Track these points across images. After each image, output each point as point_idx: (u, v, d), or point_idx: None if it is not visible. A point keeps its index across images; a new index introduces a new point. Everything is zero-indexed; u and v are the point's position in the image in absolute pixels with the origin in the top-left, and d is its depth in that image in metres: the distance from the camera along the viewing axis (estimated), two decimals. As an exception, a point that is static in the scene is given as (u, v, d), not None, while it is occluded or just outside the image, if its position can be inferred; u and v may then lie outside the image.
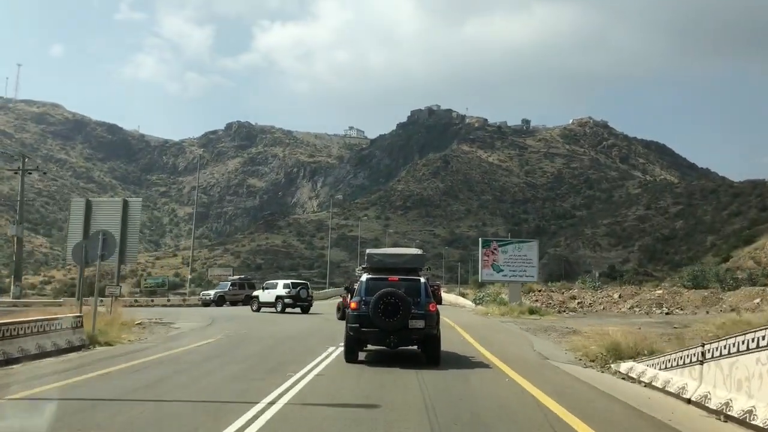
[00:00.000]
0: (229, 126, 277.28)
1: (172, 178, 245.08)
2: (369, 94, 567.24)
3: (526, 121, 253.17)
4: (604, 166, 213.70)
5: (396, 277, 12.60)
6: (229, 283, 44.04)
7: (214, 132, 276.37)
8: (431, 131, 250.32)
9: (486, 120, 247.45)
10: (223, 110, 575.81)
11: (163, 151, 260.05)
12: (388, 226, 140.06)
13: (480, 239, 36.58)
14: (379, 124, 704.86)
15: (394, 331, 11.87)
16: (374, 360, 12.76)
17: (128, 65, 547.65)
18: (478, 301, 41.99)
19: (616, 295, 36.60)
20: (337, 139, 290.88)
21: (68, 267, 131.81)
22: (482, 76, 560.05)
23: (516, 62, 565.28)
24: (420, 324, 11.96)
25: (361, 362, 12.32)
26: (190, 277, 43.06)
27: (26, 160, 39.81)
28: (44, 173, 67.86)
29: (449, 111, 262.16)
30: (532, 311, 30.00)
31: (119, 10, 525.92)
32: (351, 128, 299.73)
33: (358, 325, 12.05)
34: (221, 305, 39.85)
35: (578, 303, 36.23)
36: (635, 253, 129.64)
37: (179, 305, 40.78)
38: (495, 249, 34.76)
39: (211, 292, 42.58)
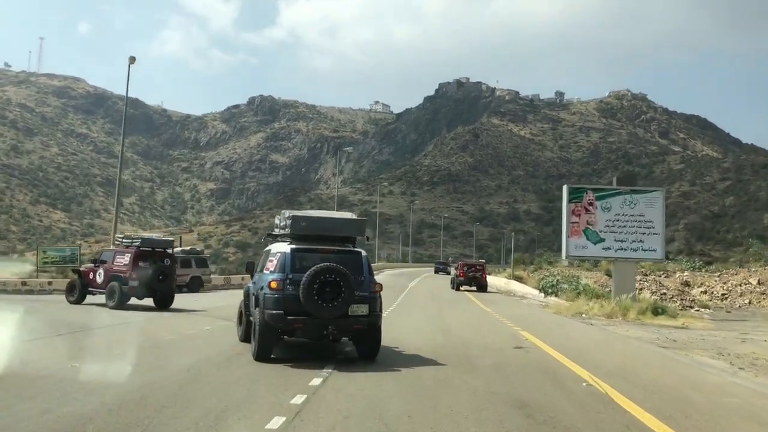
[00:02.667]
0: (251, 100, 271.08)
1: (193, 153, 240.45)
2: (395, 69, 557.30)
3: (560, 94, 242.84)
4: (643, 141, 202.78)
5: (331, 248, 9.97)
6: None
7: (237, 106, 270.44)
8: (460, 105, 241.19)
9: (517, 93, 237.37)
10: (246, 85, 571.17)
11: (185, 125, 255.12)
12: (414, 202, 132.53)
13: (565, 187, 22.61)
14: (405, 99, 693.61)
15: (333, 319, 9.35)
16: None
17: (153, 41, 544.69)
18: (549, 290, 29.09)
19: (753, 281, 25.85)
20: (362, 113, 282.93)
21: (79, 242, 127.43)
22: (512, 49, 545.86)
23: (548, 35, 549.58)
24: (363, 310, 9.64)
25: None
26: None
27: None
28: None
29: (479, 84, 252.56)
30: (656, 311, 18.88)
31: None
32: (376, 102, 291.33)
33: (281, 311, 9.28)
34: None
35: (703, 293, 25.73)
36: (681, 232, 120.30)
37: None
38: (591, 203, 21.50)
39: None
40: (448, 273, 58.46)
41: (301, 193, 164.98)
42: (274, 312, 9.21)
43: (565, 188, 22.63)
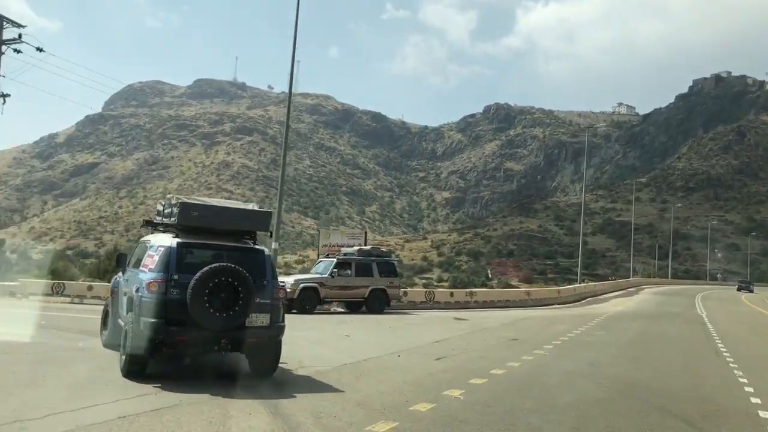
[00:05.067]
0: (487, 109, 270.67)
1: (430, 164, 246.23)
2: (639, 69, 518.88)
3: None
4: None
5: (228, 244, 8.17)
6: (335, 260, 21.27)
7: (472, 116, 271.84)
8: (719, 102, 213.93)
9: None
10: (482, 94, 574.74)
11: (423, 137, 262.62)
12: (665, 210, 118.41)
13: None
14: (651, 99, 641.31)
15: (228, 330, 7.57)
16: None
17: (395, 58, 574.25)
18: None
19: None
20: (603, 117, 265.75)
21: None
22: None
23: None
24: (263, 320, 7.90)
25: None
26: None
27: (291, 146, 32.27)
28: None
29: (743, 77, 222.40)
30: None
31: (385, 9, 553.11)
32: (620, 104, 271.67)
33: (162, 320, 7.46)
34: (309, 310, 19.77)
35: None
36: None
37: None
38: None
39: (290, 280, 20.03)
40: (751, 291, 58.33)
41: (537, 200, 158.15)
42: (152, 320, 7.49)
43: None
